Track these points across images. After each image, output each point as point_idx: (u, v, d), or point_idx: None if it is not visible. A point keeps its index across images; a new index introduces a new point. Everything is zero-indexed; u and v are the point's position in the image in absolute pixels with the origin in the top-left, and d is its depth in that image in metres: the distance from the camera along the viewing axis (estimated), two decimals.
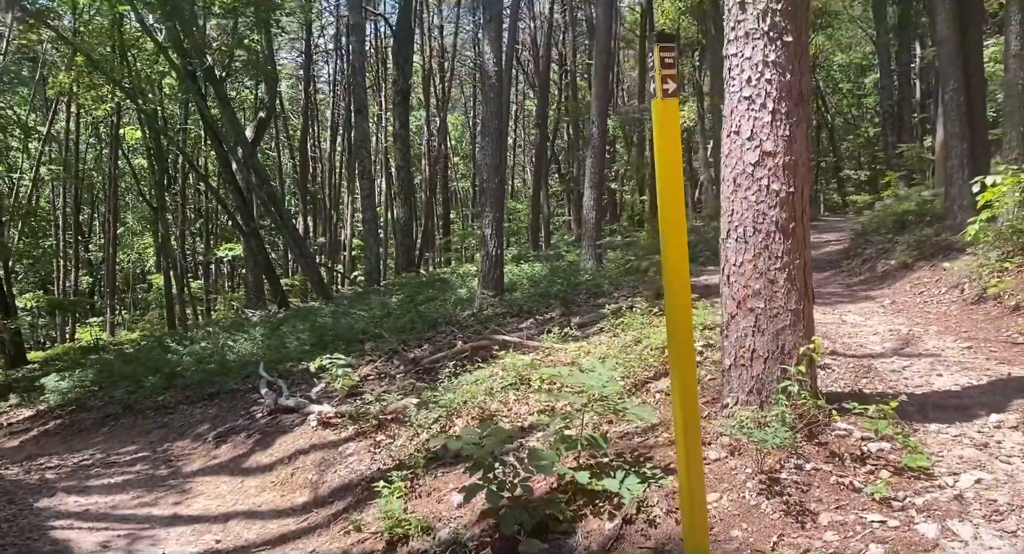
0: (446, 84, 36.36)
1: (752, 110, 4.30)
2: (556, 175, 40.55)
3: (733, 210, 4.40)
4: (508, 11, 22.19)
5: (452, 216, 44.04)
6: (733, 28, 4.39)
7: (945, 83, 10.31)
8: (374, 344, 10.01)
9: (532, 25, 36.59)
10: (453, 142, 44.90)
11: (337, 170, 39.56)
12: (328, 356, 7.73)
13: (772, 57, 4.24)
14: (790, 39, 4.24)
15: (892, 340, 6.48)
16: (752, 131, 4.29)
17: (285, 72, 42.09)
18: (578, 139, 35.72)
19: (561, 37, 37.90)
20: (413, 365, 8.30)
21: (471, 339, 8.95)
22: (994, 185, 7.53)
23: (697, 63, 35.07)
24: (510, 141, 43.02)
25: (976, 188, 7.66)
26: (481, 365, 7.34)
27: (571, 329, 8.03)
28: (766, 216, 4.26)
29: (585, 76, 38.91)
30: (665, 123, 2.90)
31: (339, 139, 37.79)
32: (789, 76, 4.25)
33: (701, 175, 32.26)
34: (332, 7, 35.60)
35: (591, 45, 36.41)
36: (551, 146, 36.39)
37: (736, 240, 4.38)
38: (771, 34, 4.23)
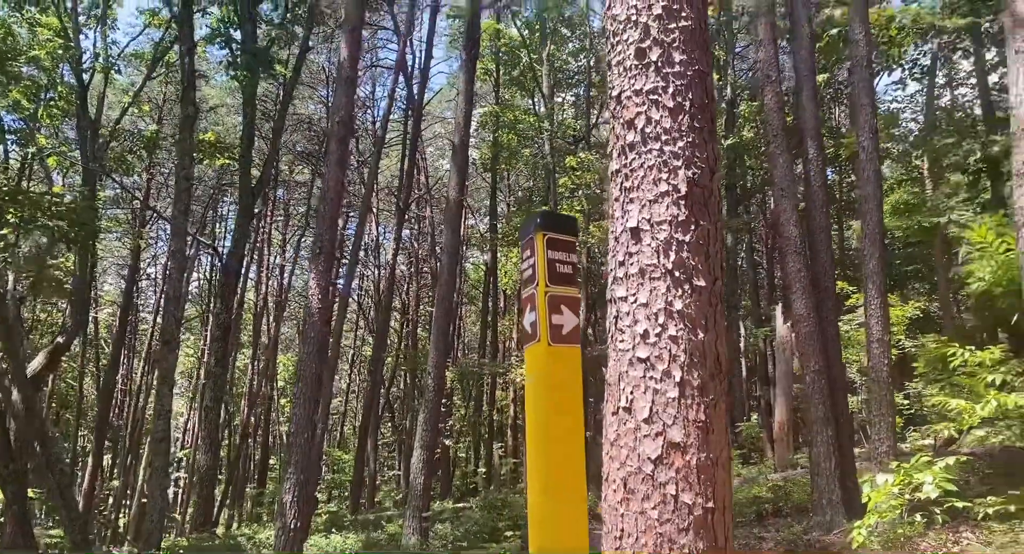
0: (279, 323, 34.70)
1: (651, 378, 2.92)
2: (389, 424, 38.37)
3: (623, 530, 2.86)
4: (349, 256, 21.54)
5: (272, 462, 40.27)
6: (623, 263, 3.12)
7: (806, 363, 9.73)
8: None
9: (376, 272, 36.28)
10: (282, 384, 42.27)
11: (145, 406, 35.86)
12: None
13: (679, 306, 2.96)
14: (702, 284, 3.00)
15: None
16: (652, 410, 2.89)
17: (107, 298, 39.32)
18: (414, 389, 34.26)
19: (405, 286, 37.67)
20: None
21: None
22: (885, 484, 6.46)
23: None
24: (343, 385, 40.96)
25: (866, 487, 6.58)
26: None
27: None
28: (675, 545, 2.74)
29: (427, 327, 38.44)
30: (548, 377, 1.48)
31: (155, 372, 34.56)
32: (703, 334, 2.95)
33: None
34: (168, 234, 34.08)
35: (434, 295, 36.33)
36: (386, 394, 34.67)
37: None
38: (677, 274, 2.99)
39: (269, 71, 19.04)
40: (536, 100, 30.26)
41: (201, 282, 38.01)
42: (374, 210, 32.48)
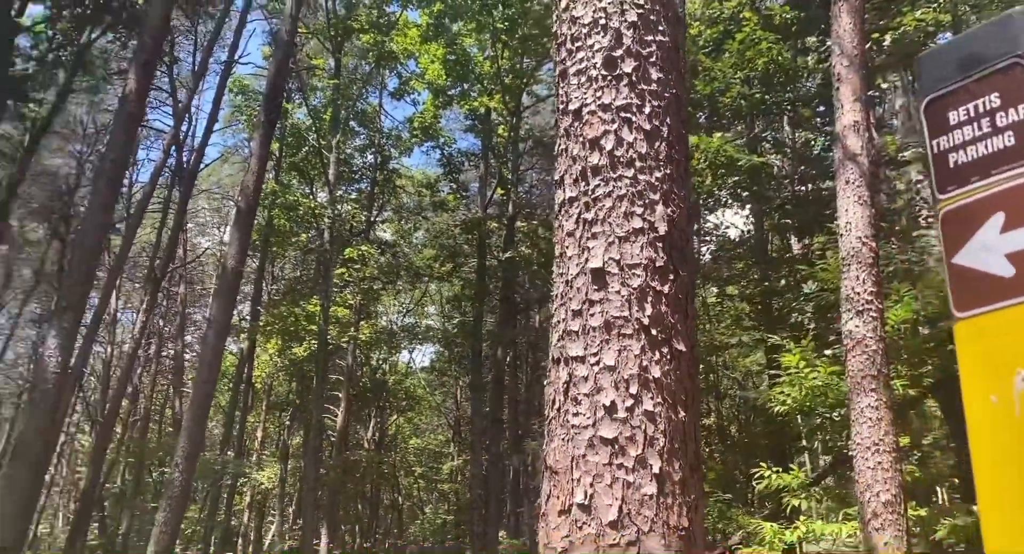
0: None
1: (621, 467, 2.18)
2: (96, 525, 33.51)
3: None
4: (86, 328, 18.99)
5: None
6: (579, 313, 2.39)
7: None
8: None
9: (108, 351, 32.41)
10: None
11: None
12: None
13: (657, 373, 2.28)
14: (683, 348, 2.35)
15: None
16: (622, 510, 2.13)
17: None
18: (137, 485, 30.26)
19: (140, 369, 33.91)
20: None
21: None
22: None
23: (288, 423, 32.97)
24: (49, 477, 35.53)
25: None
26: None
27: None
28: None
29: (155, 418, 34.85)
30: None
31: None
32: (683, 413, 2.28)
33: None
34: None
35: (172, 381, 33.06)
36: (100, 488, 30.31)
37: None
38: (655, 332, 2.32)
39: (23, 102, 16.66)
40: (316, 188, 29.21)
41: None
42: (118, 281, 29.18)
